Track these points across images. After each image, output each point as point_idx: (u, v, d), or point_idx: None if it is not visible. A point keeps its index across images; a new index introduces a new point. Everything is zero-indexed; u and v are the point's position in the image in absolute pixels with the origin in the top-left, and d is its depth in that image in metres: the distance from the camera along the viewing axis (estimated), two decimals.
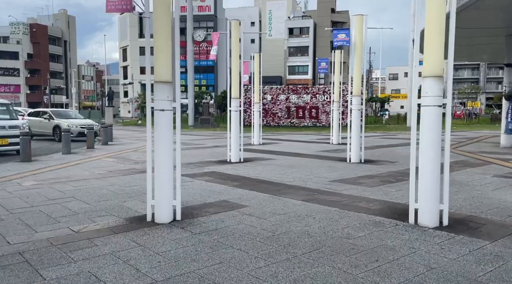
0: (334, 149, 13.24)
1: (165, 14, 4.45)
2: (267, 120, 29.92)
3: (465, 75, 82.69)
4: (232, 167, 8.89)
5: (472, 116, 40.82)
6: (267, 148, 13.70)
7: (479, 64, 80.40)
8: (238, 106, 9.92)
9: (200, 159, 10.36)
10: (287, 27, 64.74)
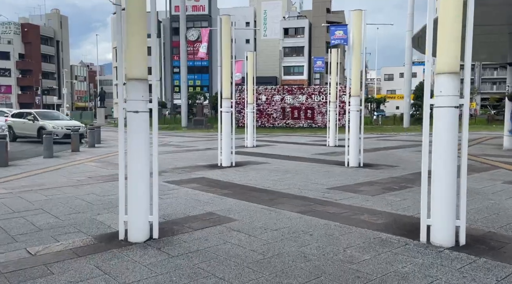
0: (331, 151, 12.68)
1: (138, 6, 3.85)
2: (262, 121, 29.35)
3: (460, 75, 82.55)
4: (222, 173, 8.29)
5: (475, 117, 40.48)
6: (261, 150, 13.12)
7: (474, 64, 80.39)
8: (229, 107, 9.33)
9: (189, 163, 9.75)
10: (282, 27, 64.23)
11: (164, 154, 11.94)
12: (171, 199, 5.76)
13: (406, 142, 16.20)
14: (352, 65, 9.04)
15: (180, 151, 12.98)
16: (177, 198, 5.84)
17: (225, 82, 9.28)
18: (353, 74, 9.05)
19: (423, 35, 12.48)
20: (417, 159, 10.43)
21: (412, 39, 13.06)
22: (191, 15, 61.82)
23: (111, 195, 6.02)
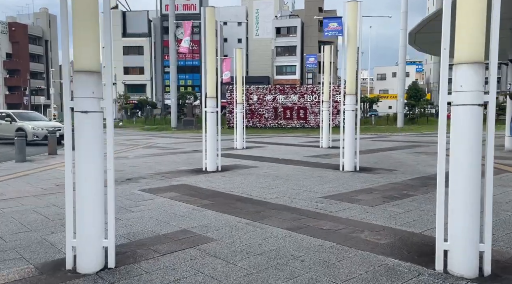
0: (324, 153, 12.00)
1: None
2: (253, 121, 28.66)
3: (450, 75, 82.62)
4: (206, 179, 7.56)
5: None
6: (250, 153, 12.40)
7: None
8: (214, 106, 8.59)
9: (171, 168, 9.00)
10: (274, 26, 63.59)
11: (147, 158, 11.17)
12: (143, 212, 5.02)
13: (402, 143, 15.59)
14: (347, 60, 8.36)
15: (164, 154, 12.22)
16: (149, 210, 5.10)
17: (209, 80, 8.55)
18: (348, 70, 8.37)
19: (421, 30, 11.87)
20: (416, 161, 9.78)
21: (409, 35, 12.43)
22: (182, 14, 60.88)
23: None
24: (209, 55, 8.51)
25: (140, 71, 65.84)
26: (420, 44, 13.53)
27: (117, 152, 12.84)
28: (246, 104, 29.76)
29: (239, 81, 13.88)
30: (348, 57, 8.38)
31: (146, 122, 39.51)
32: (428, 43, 13.27)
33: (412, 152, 11.91)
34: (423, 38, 12.72)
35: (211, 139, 8.59)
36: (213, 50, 8.57)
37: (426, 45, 13.67)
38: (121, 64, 64.96)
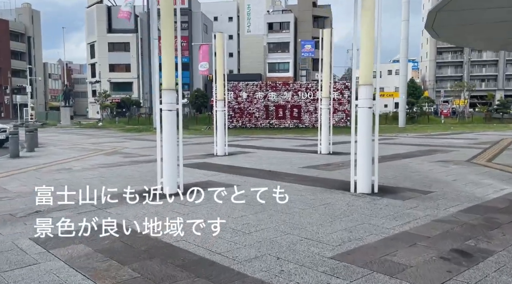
0: (325, 162, 9.53)
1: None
2: (242, 121, 26.16)
3: (448, 73, 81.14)
4: (155, 210, 5.04)
5: (465, 115, 38.02)
6: (232, 161, 9.88)
7: (462, 61, 79.04)
8: (173, 103, 6.08)
9: (116, 187, 6.39)
10: (266, 21, 61.05)
11: (96, 170, 8.60)
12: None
13: (414, 147, 13.17)
14: (362, 37, 5.89)
15: (123, 164, 9.65)
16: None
17: (166, 66, 6.04)
18: (363, 52, 5.89)
19: (445, 7, 9.41)
20: (451, 176, 7.33)
21: (429, 15, 9.98)
22: None
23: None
24: (165, 29, 6.00)
25: (126, 68, 62.91)
26: (441, 28, 11.08)
27: (65, 161, 10.26)
28: (235, 102, 27.33)
29: (220, 73, 11.37)
30: (364, 29, 5.91)
31: (129, 122, 36.82)
32: (451, 26, 10.85)
33: (436, 161, 9.48)
34: (446, 19, 10.29)
35: (169, 148, 6.07)
36: (170, 21, 6.06)
37: (448, 30, 11.25)
38: (106, 61, 62.10)
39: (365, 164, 5.95)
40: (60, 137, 21.41)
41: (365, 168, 5.95)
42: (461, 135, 19.72)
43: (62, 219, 4.27)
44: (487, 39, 13.12)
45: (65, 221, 4.18)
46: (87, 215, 4.82)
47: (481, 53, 76.97)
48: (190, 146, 14.60)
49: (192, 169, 8.29)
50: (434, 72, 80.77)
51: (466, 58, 76.54)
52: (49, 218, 4.44)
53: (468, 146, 13.26)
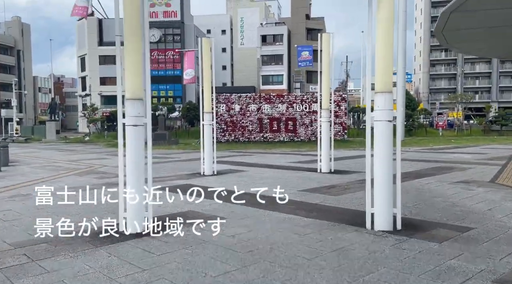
0: (328, 184, 8.23)
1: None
2: (235, 134, 24.89)
3: (442, 85, 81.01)
4: (108, 263, 3.69)
5: (463, 127, 37.09)
6: (219, 183, 8.53)
7: (455, 73, 78.95)
8: (140, 114, 4.79)
9: (68, 223, 5.10)
10: (260, 34, 60.38)
11: (57, 195, 7.21)
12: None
13: (423, 164, 11.92)
14: (378, 33, 4.68)
15: (93, 187, 8.20)
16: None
17: (129, 70, 4.76)
18: (380, 51, 4.67)
19: (460, 7, 8.29)
20: (481, 202, 6.05)
21: (441, 16, 8.85)
22: (162, 22, 57.36)
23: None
24: (127, 21, 4.74)
25: (113, 82, 61.62)
26: (452, 32, 9.97)
27: (29, 184, 8.85)
28: (227, 115, 26.03)
29: (207, 82, 10.11)
30: (380, 30, 4.70)
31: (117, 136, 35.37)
32: (464, 30, 9.74)
33: (455, 181, 8.22)
34: (460, 22, 9.18)
35: (134, 175, 4.75)
36: (135, 19, 4.81)
37: (459, 34, 10.13)
38: (97, 74, 60.91)
39: (384, 193, 4.65)
40: (39, 153, 19.96)
41: (384, 198, 4.65)
42: (466, 149, 18.58)
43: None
44: (499, 46, 12.03)
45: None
46: (7, 272, 3.45)
47: (474, 65, 76.97)
48: (177, 164, 13.26)
49: (171, 194, 6.95)
50: (427, 84, 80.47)
51: (459, 70, 76.33)
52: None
53: (481, 162, 12.05)
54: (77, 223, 5.20)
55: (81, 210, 5.98)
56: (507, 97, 73.74)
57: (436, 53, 79.59)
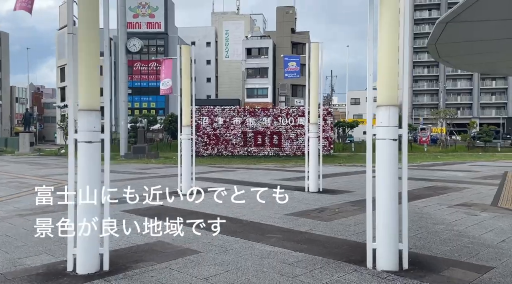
0: (318, 207, 7.47)
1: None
2: (218, 148, 24.04)
3: (425, 100, 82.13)
4: None
5: (448, 143, 37.08)
6: (196, 205, 7.67)
7: (438, 89, 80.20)
8: (95, 130, 3.94)
9: None
10: (245, 47, 60.10)
11: (5, 221, 6.22)
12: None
13: (415, 183, 11.28)
14: (382, 44, 4.00)
15: (49, 210, 7.28)
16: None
17: (86, 74, 3.94)
18: (384, 56, 3.99)
19: (457, 18, 7.77)
20: (490, 231, 5.36)
21: (436, 27, 8.31)
22: (146, 33, 56.60)
23: None
24: (82, 19, 3.93)
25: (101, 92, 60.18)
26: (446, 45, 9.46)
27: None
28: (210, 128, 25.15)
29: (186, 92, 9.31)
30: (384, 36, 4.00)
31: None
32: (459, 42, 9.24)
33: (454, 205, 7.55)
34: (456, 34, 8.68)
35: (85, 206, 3.87)
36: (94, 13, 4.01)
37: (453, 47, 9.64)
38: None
39: (389, 225, 3.90)
40: (8, 167, 18.68)
41: (389, 232, 3.90)
42: (455, 165, 18.18)
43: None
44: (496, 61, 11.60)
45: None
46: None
47: (456, 82, 78.41)
48: (153, 181, 12.31)
49: (139, 218, 6.07)
50: (411, 100, 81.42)
51: (441, 86, 77.47)
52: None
53: (475, 181, 11.50)
54: (17, 260, 4.29)
55: (29, 241, 5.04)
56: (488, 114, 75.08)
57: (419, 69, 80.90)
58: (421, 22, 79.39)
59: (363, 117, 77.48)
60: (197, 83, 70.43)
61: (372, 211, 4.00)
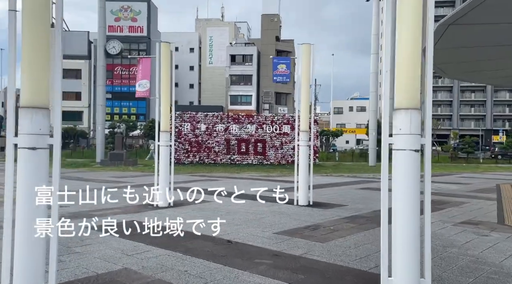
0: (310, 224, 6.70)
1: None
2: (200, 156, 23.10)
3: None
4: None
5: None
6: (173, 219, 6.81)
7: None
8: (42, 132, 3.07)
9: None
10: (229, 53, 59.50)
11: None
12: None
13: None
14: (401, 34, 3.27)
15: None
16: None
17: (30, 64, 3.08)
18: (402, 57, 3.27)
19: (459, 20, 7.22)
20: (508, 256, 4.70)
21: (437, 30, 7.73)
22: (128, 37, 55.38)
23: None
24: (27, 3, 3.08)
25: (76, 96, 58.44)
26: (444, 50, 8.93)
27: None
28: (192, 134, 24.17)
29: (165, 95, 8.46)
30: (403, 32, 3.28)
31: (72, 155, 32.59)
32: (459, 47, 8.73)
33: (459, 222, 6.92)
34: (457, 38, 8.13)
35: (25, 216, 3.00)
36: None
37: (452, 53, 9.12)
38: None
39: (409, 256, 3.15)
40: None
41: (410, 265, 3.15)
42: (444, 177, 17.79)
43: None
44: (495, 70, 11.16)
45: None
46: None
47: (437, 94, 79.52)
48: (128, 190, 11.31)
49: (103, 240, 5.17)
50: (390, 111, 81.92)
51: None
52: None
53: (471, 195, 10.97)
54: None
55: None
56: (467, 125, 76.29)
57: None
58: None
59: (347, 126, 77.79)
60: (180, 89, 69.26)
61: (387, 239, 3.24)
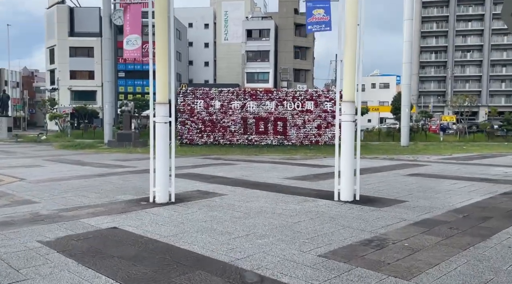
0: (368, 238, 4.51)
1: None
2: (215, 136, 21.02)
3: (432, 88, 78.83)
4: None
5: (464, 132, 34.10)
6: (169, 228, 4.71)
7: (445, 76, 76.80)
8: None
9: None
10: (245, 28, 56.55)
11: None
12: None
13: (479, 186, 8.34)
14: None
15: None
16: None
17: None
18: None
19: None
20: None
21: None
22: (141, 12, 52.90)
23: None
24: None
25: (89, 75, 56.81)
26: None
27: None
28: (205, 113, 21.98)
29: (162, 55, 6.26)
30: None
31: (83, 135, 31.08)
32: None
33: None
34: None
35: None
36: None
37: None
38: (67, 67, 56.00)
39: None
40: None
41: None
42: (498, 159, 15.24)
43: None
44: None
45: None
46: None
47: (465, 68, 75.02)
48: (125, 177, 9.35)
49: (66, 262, 3.11)
50: (417, 86, 78.04)
51: (449, 73, 73.99)
52: None
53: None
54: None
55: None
56: (497, 102, 71.89)
57: (426, 55, 77.50)
58: (429, 5, 75.68)
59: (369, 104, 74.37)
60: (195, 67, 66.92)
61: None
